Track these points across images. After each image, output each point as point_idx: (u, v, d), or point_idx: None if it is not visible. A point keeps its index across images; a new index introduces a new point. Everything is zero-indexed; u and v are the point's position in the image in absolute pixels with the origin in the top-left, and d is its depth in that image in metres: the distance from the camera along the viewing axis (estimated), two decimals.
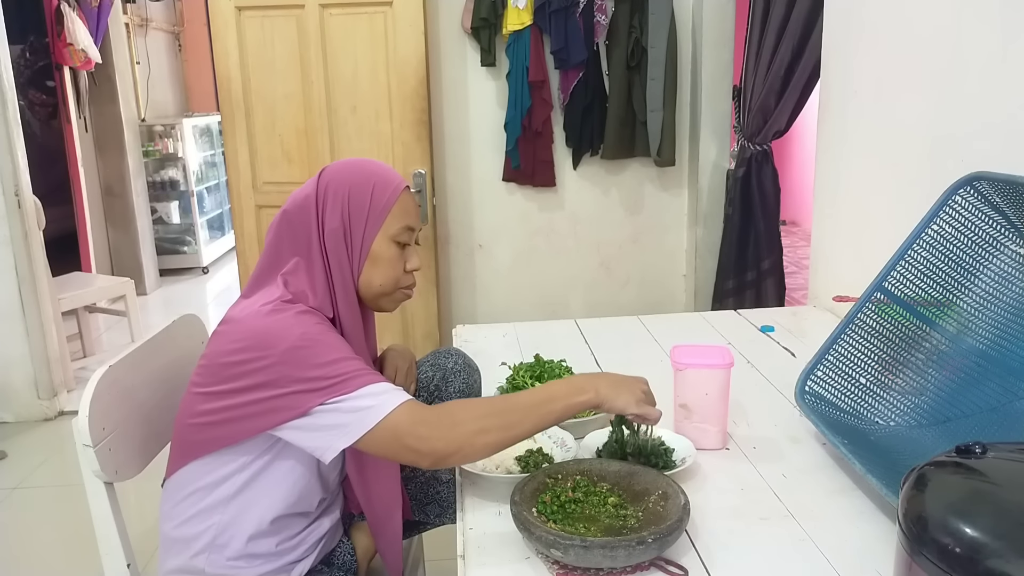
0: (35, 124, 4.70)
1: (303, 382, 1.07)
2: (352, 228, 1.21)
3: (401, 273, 1.25)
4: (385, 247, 1.22)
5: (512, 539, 1.03)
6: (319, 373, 1.07)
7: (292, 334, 1.09)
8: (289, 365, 1.07)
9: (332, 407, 1.07)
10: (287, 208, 1.23)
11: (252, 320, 1.13)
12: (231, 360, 1.11)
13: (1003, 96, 1.42)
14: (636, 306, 3.36)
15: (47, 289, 3.45)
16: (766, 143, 3.01)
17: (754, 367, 1.66)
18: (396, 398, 1.07)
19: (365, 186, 1.22)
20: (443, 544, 1.47)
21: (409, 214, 1.25)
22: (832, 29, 2.05)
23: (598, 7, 2.98)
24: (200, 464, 1.18)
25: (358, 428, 1.06)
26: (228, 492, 1.19)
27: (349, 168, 1.26)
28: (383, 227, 1.22)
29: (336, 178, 1.23)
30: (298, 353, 1.07)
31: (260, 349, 1.09)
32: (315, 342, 1.09)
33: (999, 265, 1.27)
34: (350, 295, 1.22)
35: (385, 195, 1.22)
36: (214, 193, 6.50)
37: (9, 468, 3.02)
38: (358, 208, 1.21)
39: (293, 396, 1.07)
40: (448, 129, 3.21)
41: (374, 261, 1.22)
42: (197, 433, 1.16)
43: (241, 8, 2.88)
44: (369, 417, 1.06)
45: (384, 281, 1.24)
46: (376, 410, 1.06)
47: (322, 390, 1.07)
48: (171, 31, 6.41)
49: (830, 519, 1.08)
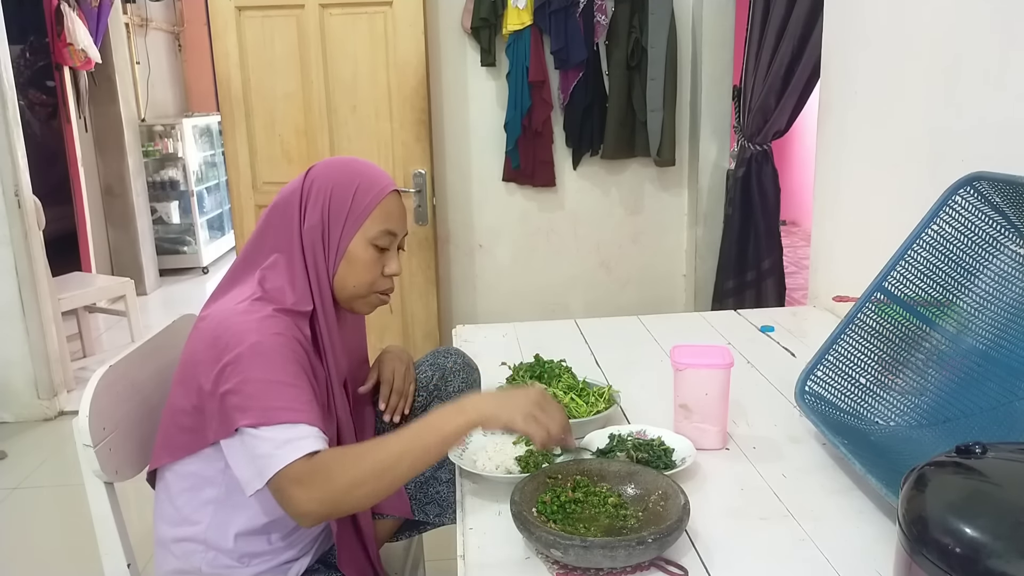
0: (35, 124, 4.70)
1: (235, 395, 1.05)
2: (330, 227, 1.20)
3: (377, 277, 1.24)
4: (362, 249, 1.21)
5: (512, 539, 1.03)
6: (251, 390, 1.05)
7: (246, 342, 1.07)
8: (230, 376, 1.06)
9: (246, 435, 1.05)
10: (275, 202, 1.23)
11: (219, 319, 1.12)
12: (197, 359, 1.11)
13: (1003, 96, 1.42)
14: (636, 306, 3.36)
15: (47, 289, 3.45)
16: (766, 143, 3.01)
17: (754, 367, 1.66)
18: (294, 451, 1.03)
19: (348, 186, 1.21)
20: (443, 544, 1.47)
21: (391, 218, 1.23)
22: (832, 29, 2.05)
23: (598, 7, 2.98)
24: (184, 464, 1.19)
25: (261, 474, 1.05)
26: (215, 494, 1.19)
27: (336, 166, 1.25)
28: (362, 228, 1.21)
29: (322, 175, 1.23)
30: (240, 365, 1.06)
31: (216, 352, 1.08)
32: (261, 356, 1.06)
33: (999, 265, 1.27)
34: (325, 293, 1.21)
35: (368, 197, 1.21)
36: (214, 193, 6.50)
37: (9, 468, 3.02)
38: (338, 207, 1.20)
39: (225, 410, 1.06)
40: (448, 129, 3.21)
41: (350, 262, 1.21)
42: (178, 435, 1.17)
43: (241, 8, 2.88)
44: (268, 467, 1.04)
45: (358, 283, 1.22)
46: (273, 460, 1.04)
47: (244, 410, 1.05)
48: (171, 31, 6.41)
49: (830, 519, 1.08)
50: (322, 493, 1.03)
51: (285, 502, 1.05)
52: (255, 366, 1.06)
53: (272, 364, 1.07)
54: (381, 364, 1.42)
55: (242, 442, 1.07)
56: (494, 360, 1.59)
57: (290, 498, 1.04)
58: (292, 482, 1.03)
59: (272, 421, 1.04)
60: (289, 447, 1.04)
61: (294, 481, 1.03)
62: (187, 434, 1.15)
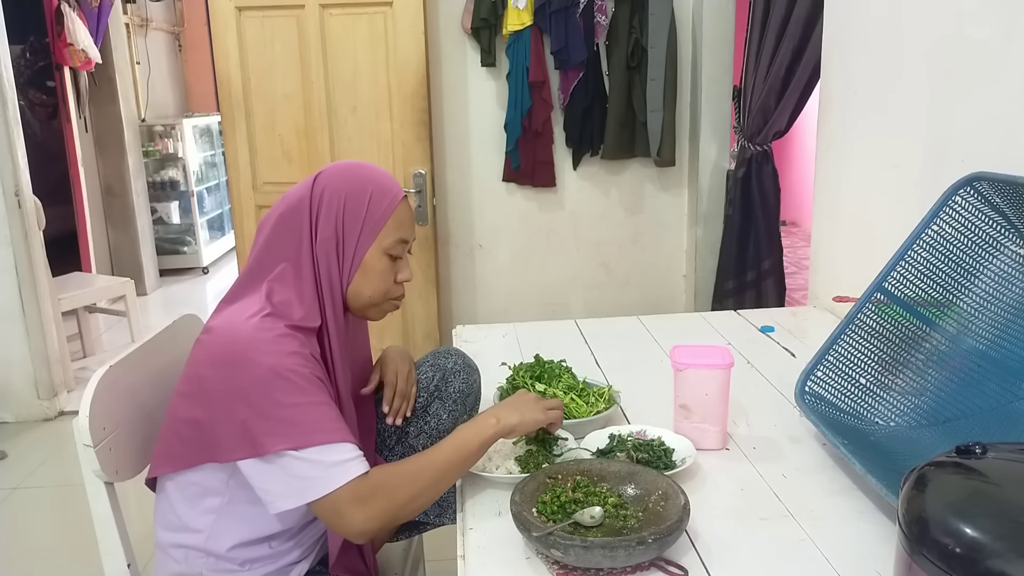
0: (35, 124, 4.70)
1: (264, 420, 1.05)
2: (345, 238, 1.18)
3: (391, 285, 1.23)
4: (377, 259, 1.20)
5: (512, 539, 1.03)
6: (283, 415, 1.05)
7: (264, 364, 1.06)
8: (254, 399, 1.05)
9: (285, 458, 1.06)
10: (281, 210, 1.20)
11: (230, 335, 1.10)
12: (206, 375, 1.10)
13: (1003, 96, 1.42)
14: (636, 306, 3.36)
15: (47, 289, 3.45)
16: (766, 143, 3.01)
17: (754, 367, 1.66)
18: (345, 473, 1.05)
19: (362, 195, 1.18)
20: (443, 544, 1.47)
21: (404, 226, 1.22)
22: (832, 29, 2.05)
23: (598, 7, 2.98)
24: (185, 475, 1.18)
25: (302, 495, 1.06)
26: (217, 504, 1.18)
27: (346, 173, 1.22)
28: (377, 239, 1.19)
29: (332, 183, 1.19)
30: (264, 389, 1.05)
31: (231, 372, 1.07)
32: (284, 379, 1.06)
33: (999, 265, 1.27)
34: (337, 304, 1.19)
35: (382, 206, 1.19)
36: (214, 193, 6.50)
37: (9, 468, 3.02)
38: (353, 218, 1.18)
39: (251, 435, 1.06)
40: (448, 129, 3.21)
41: (365, 273, 1.20)
42: (179, 446, 1.15)
43: (241, 8, 2.88)
44: (313, 488, 1.05)
45: (373, 293, 1.21)
46: (323, 483, 1.05)
47: (279, 435, 1.05)
48: (171, 31, 6.41)
49: (830, 519, 1.08)
50: (384, 506, 1.07)
51: (339, 521, 1.07)
52: (280, 389, 1.05)
53: (297, 386, 1.07)
54: (384, 365, 1.41)
55: (280, 466, 1.06)
56: (494, 360, 1.59)
57: (347, 516, 1.06)
58: (350, 502, 1.06)
59: (313, 443, 1.05)
60: (340, 469, 1.06)
61: (355, 499, 1.06)
62: (190, 447, 1.14)
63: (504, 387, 1.46)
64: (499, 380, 1.49)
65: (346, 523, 1.07)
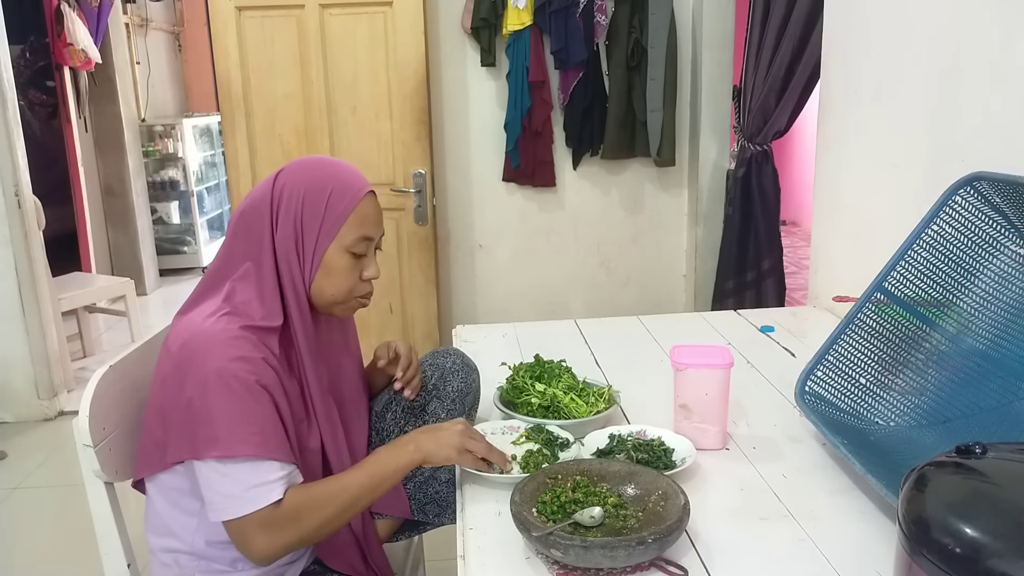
0: (35, 124, 4.70)
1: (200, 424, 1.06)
2: (304, 236, 1.16)
3: (356, 283, 1.21)
4: (338, 257, 1.18)
5: (512, 539, 1.03)
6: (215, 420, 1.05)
7: (208, 367, 1.06)
8: (195, 402, 1.06)
9: (212, 469, 1.07)
10: (243, 208, 1.19)
11: (186, 336, 1.11)
12: (163, 374, 1.11)
13: (1003, 96, 1.42)
14: (636, 306, 3.36)
15: (47, 289, 3.45)
16: (766, 143, 3.01)
17: (754, 367, 1.66)
18: (260, 498, 1.06)
19: (321, 192, 1.17)
20: (443, 544, 1.47)
21: (367, 223, 1.20)
22: (832, 29, 2.05)
23: (598, 7, 2.98)
24: (163, 479, 1.18)
25: (219, 511, 1.08)
26: (198, 507, 1.18)
27: (307, 169, 1.20)
28: (337, 237, 1.17)
29: (292, 180, 1.18)
30: (204, 392, 1.06)
31: (183, 374, 1.08)
32: (224, 384, 1.06)
33: (999, 265, 1.27)
34: (302, 302, 1.19)
35: (342, 203, 1.17)
36: (214, 193, 6.50)
37: (9, 468, 3.02)
38: (311, 215, 1.16)
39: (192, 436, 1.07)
40: (448, 129, 3.21)
41: (327, 271, 1.18)
42: (153, 449, 1.16)
43: (241, 8, 2.88)
44: (228, 508, 1.07)
45: (336, 291, 1.20)
46: (238, 505, 1.07)
47: (209, 441, 1.06)
48: (171, 31, 6.41)
49: (830, 519, 1.08)
50: (288, 538, 1.09)
51: (244, 544, 1.09)
52: (218, 394, 1.06)
53: (234, 392, 1.06)
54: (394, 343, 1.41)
55: (206, 472, 1.08)
56: (494, 360, 1.59)
57: (251, 541, 1.08)
58: (258, 527, 1.07)
59: (237, 454, 1.06)
60: (255, 492, 1.06)
61: (261, 526, 1.07)
62: (158, 450, 1.15)
63: (504, 387, 1.46)
64: (499, 380, 1.49)
65: (249, 547, 1.09)
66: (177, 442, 1.09)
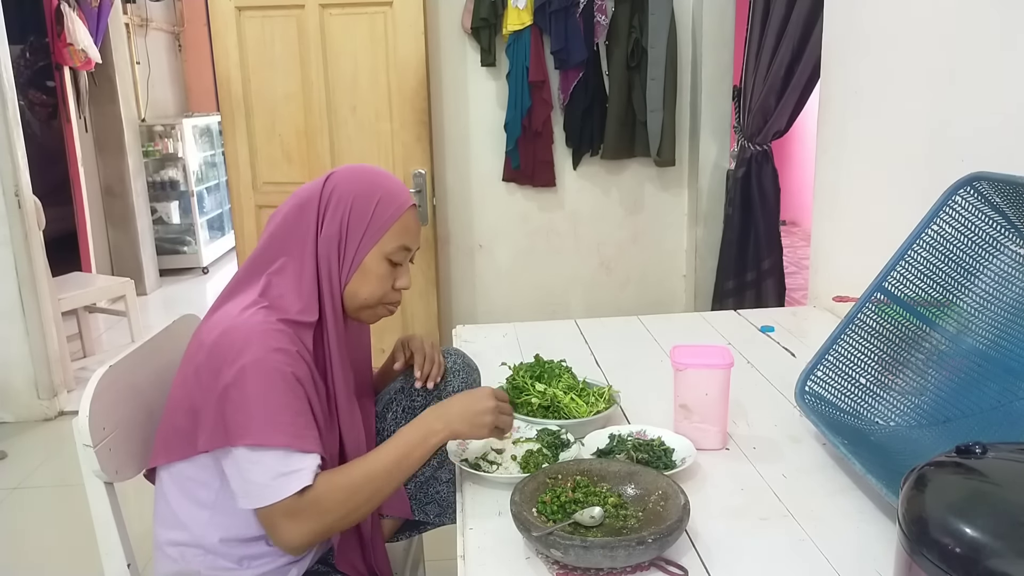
0: (35, 124, 4.70)
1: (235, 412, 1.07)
2: (348, 237, 1.20)
3: (388, 290, 1.25)
4: (377, 263, 1.22)
5: (512, 539, 1.03)
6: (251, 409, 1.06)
7: (247, 357, 1.07)
8: (232, 391, 1.07)
9: (244, 455, 1.07)
10: (291, 205, 1.22)
11: (223, 326, 1.11)
12: (197, 363, 1.12)
13: (1003, 96, 1.42)
14: (636, 306, 3.36)
15: (47, 289, 3.45)
16: (766, 143, 3.01)
17: (754, 367, 1.66)
18: (287, 486, 1.06)
19: (370, 198, 1.21)
20: (443, 544, 1.47)
21: (408, 234, 1.24)
22: (832, 29, 2.05)
23: (598, 7, 2.98)
24: (179, 468, 1.19)
25: (248, 499, 1.09)
26: (211, 499, 1.19)
27: (358, 175, 1.24)
28: (380, 243, 1.21)
29: (343, 183, 1.22)
30: (242, 381, 1.06)
31: (220, 363, 1.08)
32: (262, 374, 1.07)
33: (999, 265, 1.27)
34: (336, 302, 1.21)
35: (388, 211, 1.22)
36: (214, 193, 6.50)
37: (9, 468, 3.02)
38: (358, 219, 1.20)
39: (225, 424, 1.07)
40: (448, 129, 3.21)
41: (364, 274, 1.21)
42: (174, 437, 1.17)
43: (241, 8, 2.88)
44: (257, 496, 1.08)
45: (369, 296, 1.23)
46: (266, 493, 1.07)
47: (244, 428, 1.06)
48: (171, 31, 6.41)
49: (830, 519, 1.08)
50: (315, 525, 1.09)
51: (273, 532, 1.10)
52: (256, 384, 1.07)
53: (272, 384, 1.08)
54: (408, 341, 1.44)
55: (237, 460, 1.08)
56: (494, 360, 1.59)
57: (280, 529, 1.08)
58: (284, 516, 1.08)
59: (269, 444, 1.06)
60: (283, 481, 1.07)
61: (287, 515, 1.07)
62: (183, 437, 1.15)
63: (504, 387, 1.46)
64: (499, 380, 1.49)
65: (279, 536, 1.09)
66: (210, 430, 1.09)
